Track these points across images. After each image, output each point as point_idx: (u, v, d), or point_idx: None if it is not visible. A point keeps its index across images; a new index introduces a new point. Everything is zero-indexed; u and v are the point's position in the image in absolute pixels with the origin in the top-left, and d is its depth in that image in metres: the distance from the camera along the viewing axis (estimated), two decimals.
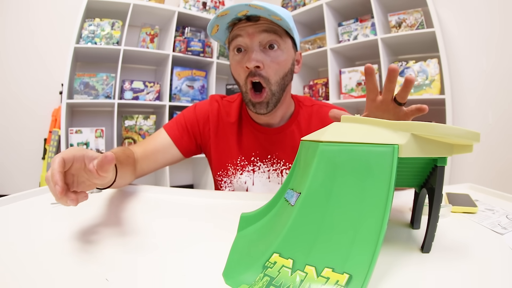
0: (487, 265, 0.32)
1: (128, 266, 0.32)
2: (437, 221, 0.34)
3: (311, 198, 0.30)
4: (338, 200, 0.29)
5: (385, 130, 0.32)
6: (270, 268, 0.28)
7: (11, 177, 1.98)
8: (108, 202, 0.57)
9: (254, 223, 0.40)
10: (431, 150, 0.31)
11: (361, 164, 0.29)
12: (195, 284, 0.29)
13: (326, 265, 0.27)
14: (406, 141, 0.29)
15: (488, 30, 1.56)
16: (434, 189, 0.34)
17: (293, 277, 0.27)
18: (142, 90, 2.06)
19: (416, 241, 0.39)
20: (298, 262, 0.28)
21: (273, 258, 0.29)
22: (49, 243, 0.38)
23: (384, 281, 0.29)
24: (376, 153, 0.29)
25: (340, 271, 0.26)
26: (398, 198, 0.59)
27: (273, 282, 0.27)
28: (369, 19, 1.86)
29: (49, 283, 0.28)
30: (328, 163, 0.31)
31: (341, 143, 0.31)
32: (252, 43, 0.61)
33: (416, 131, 0.30)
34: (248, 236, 0.38)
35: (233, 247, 0.36)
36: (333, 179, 0.30)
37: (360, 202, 0.29)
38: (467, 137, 0.30)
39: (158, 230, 0.43)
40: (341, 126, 0.35)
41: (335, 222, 0.29)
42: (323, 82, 2.13)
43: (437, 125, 0.30)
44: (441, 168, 0.33)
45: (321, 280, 0.26)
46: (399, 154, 0.29)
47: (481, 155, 1.59)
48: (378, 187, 0.28)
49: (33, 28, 1.98)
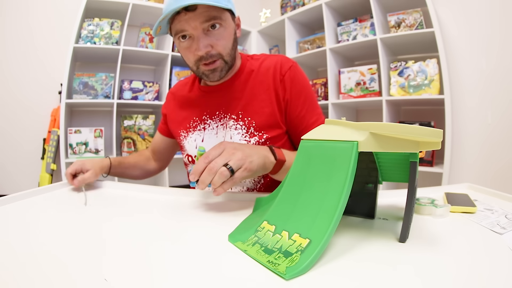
0: (486, 265, 0.32)
1: (128, 266, 0.32)
2: (412, 213, 0.39)
3: (292, 180, 0.40)
4: (310, 183, 0.38)
5: (351, 130, 0.39)
6: (259, 231, 0.38)
7: (10, 177, 1.97)
8: (109, 203, 0.57)
9: (265, 205, 0.50)
10: (392, 146, 0.36)
11: (328, 156, 0.38)
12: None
13: (296, 231, 0.35)
14: (364, 138, 0.36)
15: (488, 30, 1.56)
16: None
17: (273, 239, 0.36)
18: (141, 90, 2.05)
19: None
20: (278, 227, 0.37)
21: (263, 224, 0.39)
22: (48, 243, 0.38)
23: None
24: (340, 148, 0.37)
25: (304, 236, 0.34)
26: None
27: (258, 241, 0.37)
28: (368, 19, 1.86)
29: (48, 283, 0.28)
30: (305, 155, 0.41)
31: (315, 140, 0.40)
32: (196, 32, 0.64)
33: (373, 130, 0.36)
34: (255, 213, 0.50)
35: (243, 221, 0.46)
36: (307, 167, 0.39)
37: (326, 184, 0.36)
38: (423, 135, 0.34)
39: (158, 230, 0.44)
40: (323, 127, 0.44)
41: (307, 199, 0.37)
42: (322, 82, 2.13)
43: (391, 124, 0.35)
44: (413, 163, 0.37)
45: (290, 242, 0.34)
46: (359, 149, 0.36)
47: (480, 155, 1.60)
48: (340, 173, 0.35)
49: (32, 27, 1.98)
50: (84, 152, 1.94)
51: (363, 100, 1.86)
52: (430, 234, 0.42)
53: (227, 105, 0.76)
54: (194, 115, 0.81)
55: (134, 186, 0.68)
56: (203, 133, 0.79)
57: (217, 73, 0.70)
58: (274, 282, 0.29)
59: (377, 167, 0.47)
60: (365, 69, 1.86)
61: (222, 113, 0.77)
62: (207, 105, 0.79)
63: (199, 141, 0.79)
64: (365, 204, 0.48)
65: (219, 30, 0.66)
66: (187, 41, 0.67)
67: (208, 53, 0.66)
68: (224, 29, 0.67)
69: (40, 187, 0.63)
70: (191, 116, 0.81)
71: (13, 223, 0.45)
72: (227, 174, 0.48)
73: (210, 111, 0.78)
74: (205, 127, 0.79)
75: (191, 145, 0.81)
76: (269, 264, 0.32)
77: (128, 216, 0.50)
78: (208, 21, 0.64)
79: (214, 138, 0.77)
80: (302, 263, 0.31)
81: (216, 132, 0.77)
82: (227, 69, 0.71)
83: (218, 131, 0.77)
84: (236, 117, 0.75)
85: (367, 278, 0.30)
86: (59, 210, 0.53)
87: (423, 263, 0.33)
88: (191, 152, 0.81)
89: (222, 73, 0.70)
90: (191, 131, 0.81)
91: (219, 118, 0.77)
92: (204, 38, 0.65)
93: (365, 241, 0.39)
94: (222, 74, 0.71)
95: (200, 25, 0.64)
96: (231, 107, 0.76)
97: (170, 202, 0.59)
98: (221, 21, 0.65)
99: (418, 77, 1.65)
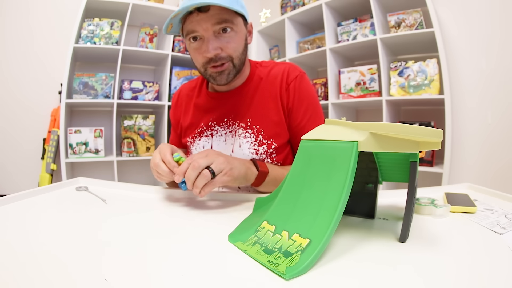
0: (486, 265, 0.32)
1: (127, 266, 0.32)
2: (412, 213, 0.39)
3: (292, 180, 0.40)
4: (310, 182, 0.38)
5: (351, 130, 0.39)
6: (259, 231, 0.38)
7: (10, 177, 1.97)
8: (109, 203, 0.57)
9: (265, 205, 0.50)
10: (392, 146, 0.36)
11: (328, 156, 0.38)
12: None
13: (296, 231, 0.35)
14: (364, 138, 0.36)
15: (488, 30, 1.56)
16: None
17: (273, 239, 0.36)
18: (141, 90, 2.05)
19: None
20: (278, 227, 0.37)
21: (263, 224, 0.39)
22: (48, 243, 0.38)
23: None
24: (340, 148, 0.37)
25: (304, 236, 0.34)
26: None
27: (258, 241, 0.37)
28: (368, 19, 1.86)
29: (48, 283, 0.28)
30: (305, 155, 0.40)
31: (315, 140, 0.40)
32: (207, 34, 0.64)
33: (373, 130, 0.36)
34: (255, 213, 0.50)
35: (243, 221, 0.46)
36: (307, 167, 0.39)
37: (326, 184, 0.36)
38: (423, 135, 0.34)
39: (157, 230, 0.43)
40: (323, 127, 0.44)
41: (307, 199, 0.37)
42: (322, 82, 2.13)
43: (391, 124, 0.35)
44: (413, 164, 0.37)
45: (290, 242, 0.34)
46: (359, 149, 0.36)
47: (480, 155, 1.60)
48: (340, 174, 0.35)
49: (32, 28, 1.98)
50: (84, 152, 1.94)
51: (363, 100, 1.86)
52: (430, 234, 0.42)
53: (236, 112, 0.75)
54: (201, 121, 0.79)
55: (134, 186, 0.68)
56: (210, 140, 0.78)
57: (224, 76, 0.68)
58: (274, 282, 0.29)
59: (377, 167, 0.47)
60: (365, 69, 1.86)
61: (230, 120, 0.76)
62: (215, 112, 0.77)
63: (207, 148, 0.78)
64: (365, 204, 0.48)
65: (230, 33, 0.65)
66: (197, 42, 0.66)
67: (217, 55, 0.65)
68: (235, 34, 0.66)
69: (40, 187, 0.63)
70: (199, 122, 0.79)
71: (13, 223, 0.45)
72: (209, 176, 0.51)
73: (218, 117, 0.77)
74: (213, 134, 0.77)
75: (198, 152, 0.78)
76: (269, 264, 0.32)
77: (128, 216, 0.50)
78: (219, 23, 0.63)
79: (222, 145, 0.76)
80: (302, 263, 0.31)
81: (224, 139, 0.76)
82: (234, 73, 0.70)
83: (227, 138, 0.76)
84: (245, 125, 0.74)
85: (367, 278, 0.30)
86: (59, 210, 0.53)
87: (423, 263, 0.33)
88: None
89: (229, 77, 0.69)
90: (198, 137, 0.79)
91: (228, 125, 0.76)
92: (214, 40, 0.64)
93: (365, 241, 0.39)
94: (229, 78, 0.69)
95: (212, 27, 0.63)
96: (240, 114, 0.75)
97: (169, 202, 0.59)
98: (232, 25, 0.65)
99: (418, 77, 1.65)
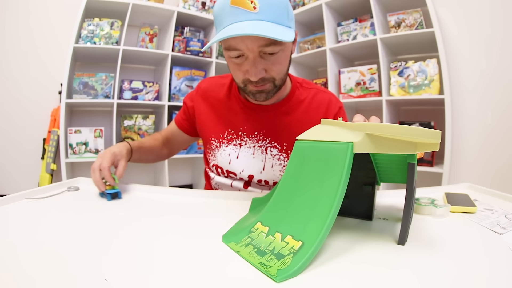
0: (487, 265, 0.32)
1: (127, 266, 0.32)
2: (410, 215, 0.38)
3: (286, 181, 0.40)
4: (304, 184, 0.37)
5: (346, 130, 0.38)
6: (253, 233, 0.38)
7: (10, 177, 1.97)
8: (107, 203, 0.57)
9: (261, 205, 0.50)
10: (388, 147, 0.35)
11: (323, 157, 0.37)
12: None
13: (289, 233, 0.35)
14: (360, 139, 0.35)
15: (488, 30, 1.55)
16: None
17: (266, 240, 0.36)
18: (141, 90, 2.05)
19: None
20: (272, 229, 0.37)
21: (257, 225, 0.39)
22: (48, 243, 0.38)
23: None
24: (335, 149, 0.36)
25: (297, 238, 0.33)
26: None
27: (252, 242, 0.36)
28: (368, 19, 1.86)
29: (48, 283, 0.28)
30: (299, 156, 0.40)
31: (310, 140, 0.39)
32: (252, 54, 0.57)
33: (369, 130, 0.35)
34: (250, 213, 0.49)
35: (238, 221, 0.46)
36: (302, 168, 0.39)
37: (320, 186, 0.35)
38: (420, 136, 0.33)
39: (154, 230, 0.43)
40: (318, 127, 0.43)
41: (300, 201, 0.37)
42: (322, 82, 2.13)
43: (386, 125, 0.34)
44: (411, 165, 0.36)
45: (283, 244, 0.34)
46: (354, 150, 0.35)
47: (480, 155, 1.60)
48: (334, 175, 0.34)
49: (32, 27, 1.98)
50: (84, 152, 1.94)
51: (363, 100, 1.85)
52: (429, 234, 0.41)
53: (268, 129, 0.73)
54: (229, 127, 0.76)
55: (132, 186, 0.68)
56: (238, 150, 0.75)
57: (264, 94, 0.65)
58: (264, 284, 0.29)
59: (374, 168, 0.46)
60: (365, 69, 1.85)
61: (261, 135, 0.74)
62: (246, 121, 0.75)
63: (233, 157, 0.76)
64: (363, 205, 0.48)
65: (277, 54, 0.59)
66: (239, 59, 0.59)
67: (261, 78, 0.60)
68: (283, 53, 0.60)
69: (40, 187, 0.63)
70: (226, 127, 0.76)
71: (13, 223, 0.45)
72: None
73: (249, 128, 0.74)
74: (241, 144, 0.75)
75: (224, 159, 0.76)
76: (260, 266, 0.32)
77: (126, 216, 0.50)
78: (267, 46, 0.56)
79: (250, 158, 0.74)
80: (294, 266, 0.30)
81: (253, 152, 0.74)
82: (275, 91, 0.66)
83: (255, 151, 0.74)
84: (280, 148, 0.73)
85: (361, 280, 0.29)
86: (59, 210, 0.53)
87: (421, 264, 0.33)
88: (222, 165, 0.77)
89: (269, 95, 0.66)
90: (225, 143, 0.76)
91: (257, 139, 0.74)
92: (259, 62, 0.58)
93: (362, 242, 0.39)
94: (269, 96, 0.66)
95: (258, 48, 0.56)
96: (273, 133, 0.73)
97: (166, 203, 0.58)
98: (280, 45, 0.57)
99: (418, 77, 1.65)
